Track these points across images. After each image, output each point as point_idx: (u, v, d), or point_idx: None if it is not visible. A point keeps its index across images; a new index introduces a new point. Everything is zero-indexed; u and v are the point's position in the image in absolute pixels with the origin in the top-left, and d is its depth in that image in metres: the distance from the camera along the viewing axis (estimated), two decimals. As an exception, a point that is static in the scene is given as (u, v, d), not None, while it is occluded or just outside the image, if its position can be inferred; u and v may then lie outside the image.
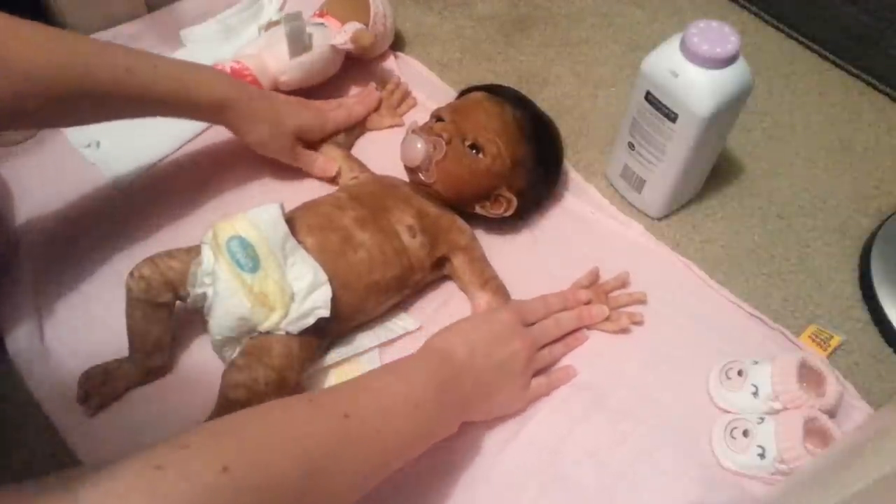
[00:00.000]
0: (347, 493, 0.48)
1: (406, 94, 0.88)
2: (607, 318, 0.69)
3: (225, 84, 0.71)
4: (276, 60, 0.80)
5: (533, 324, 0.66)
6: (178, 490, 0.38)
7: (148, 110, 0.68)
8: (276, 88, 0.81)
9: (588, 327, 0.69)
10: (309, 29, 0.80)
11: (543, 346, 0.66)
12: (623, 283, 0.72)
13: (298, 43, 0.79)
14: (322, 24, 0.84)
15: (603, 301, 0.70)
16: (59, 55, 0.59)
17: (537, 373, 0.66)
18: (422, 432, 0.54)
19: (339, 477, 0.47)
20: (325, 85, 0.86)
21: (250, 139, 0.74)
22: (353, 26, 0.83)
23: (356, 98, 0.85)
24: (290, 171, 0.80)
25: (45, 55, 0.58)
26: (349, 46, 0.82)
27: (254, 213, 0.61)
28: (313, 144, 0.79)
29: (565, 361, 0.68)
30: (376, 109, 0.85)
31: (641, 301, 0.71)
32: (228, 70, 0.78)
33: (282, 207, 0.63)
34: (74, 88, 0.60)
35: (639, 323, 0.70)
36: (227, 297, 0.58)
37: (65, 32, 0.63)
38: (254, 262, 0.59)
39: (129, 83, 0.63)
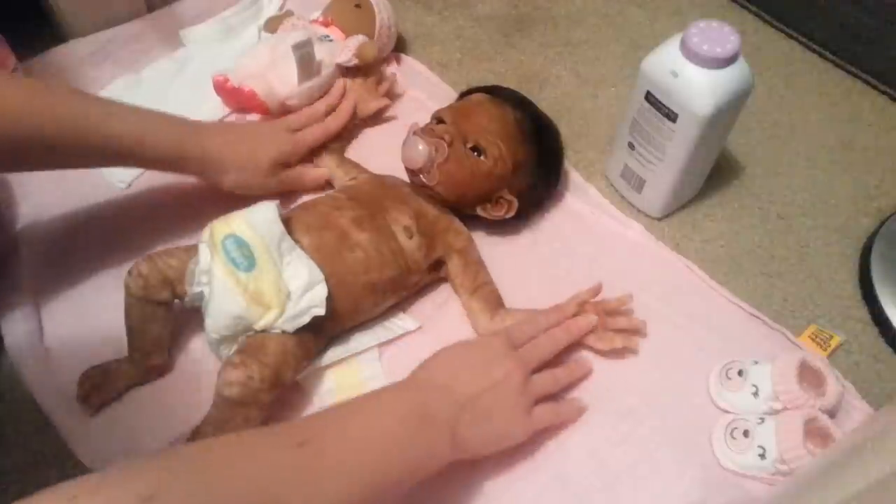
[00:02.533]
0: None
1: (382, 77, 0.87)
2: (600, 339, 0.66)
3: (186, 133, 0.68)
4: (283, 84, 0.80)
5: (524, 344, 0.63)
6: None
7: (100, 158, 0.66)
8: (283, 110, 0.82)
9: (580, 345, 0.67)
10: (316, 45, 0.80)
11: (543, 368, 0.63)
12: (624, 305, 0.68)
13: (308, 69, 0.80)
14: (328, 36, 0.84)
15: (602, 321, 0.67)
16: (12, 101, 0.59)
17: (543, 400, 0.62)
18: (401, 467, 0.51)
19: None
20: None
21: (227, 185, 0.71)
22: (356, 40, 0.83)
23: (331, 116, 0.81)
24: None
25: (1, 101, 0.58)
26: (354, 62, 0.82)
27: (249, 211, 0.61)
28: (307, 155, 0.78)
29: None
30: (352, 121, 0.82)
31: (639, 329, 0.68)
32: (236, 87, 0.78)
33: (278, 207, 0.63)
34: (26, 134, 0.59)
35: (633, 351, 0.67)
36: (223, 295, 0.58)
37: (22, 79, 0.62)
38: (249, 261, 0.59)
39: (82, 130, 0.62)
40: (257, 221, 0.61)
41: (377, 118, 0.86)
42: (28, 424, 0.63)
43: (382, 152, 0.78)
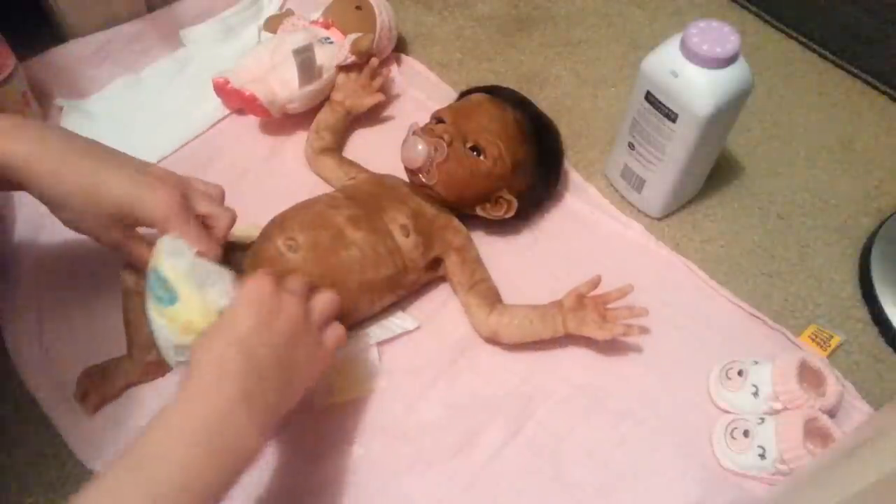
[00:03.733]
0: None
1: (375, 73, 0.85)
2: (600, 328, 0.65)
3: (21, 140, 0.55)
4: (284, 88, 0.80)
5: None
6: None
7: None
8: (284, 114, 0.81)
9: (578, 335, 0.67)
10: (316, 48, 0.79)
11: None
12: (625, 296, 0.68)
13: (308, 74, 0.79)
14: (328, 38, 0.84)
15: (601, 313, 0.67)
16: None
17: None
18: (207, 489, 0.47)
19: None
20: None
21: (63, 215, 0.58)
22: (351, 38, 0.83)
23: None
24: (286, 172, 0.80)
25: None
26: (352, 59, 0.82)
27: (162, 241, 0.57)
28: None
29: (565, 363, 0.68)
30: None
31: (641, 315, 0.67)
32: (237, 89, 0.78)
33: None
34: None
35: (636, 349, 0.67)
36: (159, 331, 0.56)
37: None
38: (170, 295, 0.56)
39: None
40: (170, 251, 0.57)
41: (375, 117, 0.86)
42: (28, 424, 0.63)
43: (382, 152, 0.78)
